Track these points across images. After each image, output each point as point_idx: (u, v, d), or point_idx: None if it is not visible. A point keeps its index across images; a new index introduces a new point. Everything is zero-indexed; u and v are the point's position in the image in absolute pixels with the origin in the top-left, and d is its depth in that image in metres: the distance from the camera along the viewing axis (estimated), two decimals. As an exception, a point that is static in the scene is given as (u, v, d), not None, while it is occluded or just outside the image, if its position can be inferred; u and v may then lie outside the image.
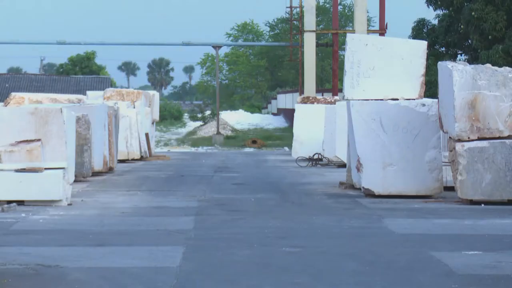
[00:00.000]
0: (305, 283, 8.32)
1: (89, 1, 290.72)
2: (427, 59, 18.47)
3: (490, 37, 39.63)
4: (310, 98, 32.14)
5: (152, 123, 32.58)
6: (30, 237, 11.22)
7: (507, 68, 16.17)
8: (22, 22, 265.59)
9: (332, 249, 10.35)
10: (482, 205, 14.98)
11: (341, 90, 25.73)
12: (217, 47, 51.91)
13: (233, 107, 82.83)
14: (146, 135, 29.28)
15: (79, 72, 75.24)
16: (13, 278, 8.46)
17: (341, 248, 10.42)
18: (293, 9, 48.40)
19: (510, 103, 15.55)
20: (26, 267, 9.02)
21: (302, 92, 42.20)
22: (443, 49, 42.26)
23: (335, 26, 44.83)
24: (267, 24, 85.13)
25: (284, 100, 70.06)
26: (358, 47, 17.67)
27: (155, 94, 34.50)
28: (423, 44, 18.18)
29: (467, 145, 15.36)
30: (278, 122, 66.01)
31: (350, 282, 8.44)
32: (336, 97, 32.02)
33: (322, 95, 40.64)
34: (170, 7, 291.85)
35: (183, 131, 58.27)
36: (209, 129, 52.45)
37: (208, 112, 61.23)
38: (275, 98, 79.94)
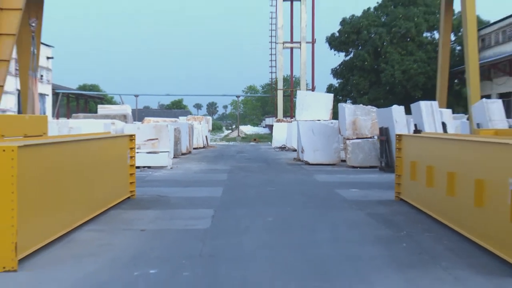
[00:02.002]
0: (279, 204, 8.27)
1: (182, 71, 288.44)
2: (333, 102, 18.41)
3: (362, 92, 39.66)
4: (280, 120, 32.07)
5: (208, 131, 32.43)
6: (154, 183, 11.18)
7: (368, 106, 16.17)
8: (144, 80, 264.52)
9: (290, 189, 10.31)
10: (358, 168, 14.92)
11: (294, 116, 25.68)
12: (238, 96, 51.84)
13: (245, 124, 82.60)
14: (206, 136, 29.14)
15: (175, 108, 75.22)
16: (146, 201, 8.43)
17: (295, 189, 10.37)
18: (272, 79, 48.26)
19: (371, 122, 15.51)
20: (152, 196, 8.99)
21: (276, 117, 41.99)
22: (341, 97, 42.13)
23: (291, 87, 44.75)
24: (261, 86, 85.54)
25: (269, 120, 69.81)
26: (302, 96, 17.61)
27: (210, 118, 34.34)
28: (331, 96, 18.13)
29: (352, 141, 15.30)
30: (266, 131, 65.60)
31: (299, 204, 8.40)
32: (292, 119, 31.89)
33: (286, 118, 40.43)
34: (215, 77, 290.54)
35: (222, 135, 57.96)
36: (234, 134, 52.13)
37: (234, 126, 61.17)
38: (265, 120, 79.77)
